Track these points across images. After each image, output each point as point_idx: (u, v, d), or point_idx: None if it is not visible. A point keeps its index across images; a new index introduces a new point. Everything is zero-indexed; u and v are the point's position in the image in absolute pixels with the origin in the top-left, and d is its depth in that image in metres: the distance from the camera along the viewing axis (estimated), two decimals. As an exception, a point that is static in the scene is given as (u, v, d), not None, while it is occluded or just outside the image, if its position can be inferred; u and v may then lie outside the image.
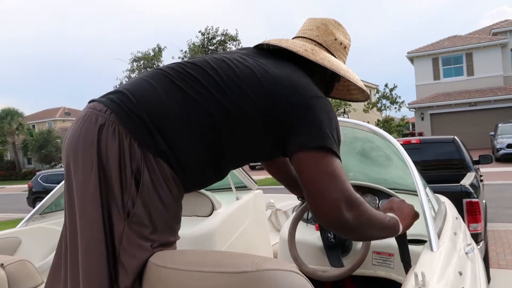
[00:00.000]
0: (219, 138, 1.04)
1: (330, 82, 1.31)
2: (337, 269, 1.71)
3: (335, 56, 1.26)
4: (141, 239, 0.97)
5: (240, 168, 2.81)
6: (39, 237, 2.22)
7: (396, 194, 1.96)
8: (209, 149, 1.04)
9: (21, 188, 21.20)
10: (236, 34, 20.60)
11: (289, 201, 3.52)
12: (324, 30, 1.27)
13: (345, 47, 1.29)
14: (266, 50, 1.23)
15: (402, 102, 24.86)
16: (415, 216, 1.30)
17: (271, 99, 1.05)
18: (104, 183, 0.97)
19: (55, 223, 2.35)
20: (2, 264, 1.41)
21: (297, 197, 1.81)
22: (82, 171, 0.99)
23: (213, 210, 2.44)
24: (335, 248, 1.81)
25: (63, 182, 2.23)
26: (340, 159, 1.05)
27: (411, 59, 24.11)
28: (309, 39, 1.26)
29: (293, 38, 1.29)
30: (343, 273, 1.66)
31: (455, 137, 5.03)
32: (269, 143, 1.10)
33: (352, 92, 1.44)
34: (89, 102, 1.07)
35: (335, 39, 1.26)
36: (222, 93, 1.03)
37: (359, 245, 1.72)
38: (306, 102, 1.06)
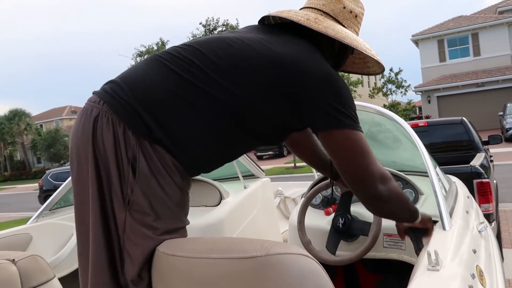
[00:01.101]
0: (218, 119, 1.00)
1: (341, 54, 1.24)
2: (349, 253, 1.70)
3: (344, 26, 1.18)
4: (144, 227, 0.96)
5: (247, 157, 2.80)
6: (50, 232, 2.24)
7: (406, 176, 1.94)
8: (210, 130, 1.01)
9: (32, 187, 21.43)
10: (237, 23, 20.50)
11: (298, 189, 3.51)
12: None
13: (356, 16, 1.20)
14: (269, 25, 1.19)
15: (408, 86, 24.66)
16: (431, 221, 1.34)
17: (276, 79, 1.01)
18: (104, 173, 0.97)
19: (65, 218, 2.37)
20: (14, 259, 1.42)
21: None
22: (83, 162, 1.00)
23: (221, 199, 2.44)
24: (339, 234, 1.79)
25: (69, 178, 2.25)
26: (362, 132, 1.08)
27: (416, 42, 23.81)
28: (315, 8, 1.19)
29: (300, 9, 1.23)
30: (354, 256, 1.65)
31: (464, 118, 4.97)
32: (274, 123, 1.07)
33: (369, 65, 1.38)
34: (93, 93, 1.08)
35: (344, 7, 1.18)
36: (221, 74, 1.00)
37: (367, 233, 1.70)
38: (319, 83, 1.02)
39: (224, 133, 1.02)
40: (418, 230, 1.34)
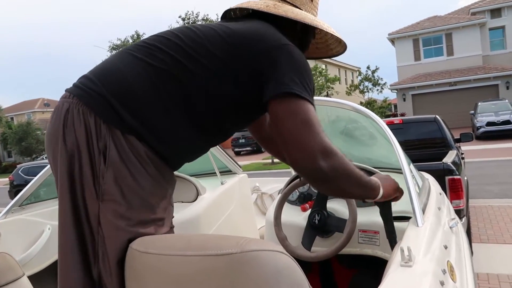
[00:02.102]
0: (192, 103, 1.01)
1: (304, 38, 1.26)
2: (324, 249, 1.71)
3: (302, 10, 1.22)
4: (116, 217, 0.95)
5: (223, 152, 2.79)
6: (19, 229, 2.16)
7: (381, 172, 1.97)
8: (184, 116, 1.01)
9: (2, 182, 20.78)
10: (217, 18, 20.34)
11: (275, 185, 3.52)
12: None
13: (311, 0, 1.25)
14: (234, 18, 1.23)
15: (384, 83, 25.09)
16: (398, 189, 1.31)
17: (237, 52, 1.02)
18: (76, 166, 0.97)
19: (35, 215, 2.30)
20: (-20, 258, 1.37)
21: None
22: (54, 158, 1.01)
23: (197, 195, 2.42)
24: (315, 230, 1.81)
25: (40, 173, 2.17)
26: (314, 107, 1.02)
27: (392, 41, 24.24)
28: None
29: None
30: (329, 253, 1.66)
31: (437, 116, 5.09)
32: (247, 99, 1.06)
33: (332, 47, 1.40)
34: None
35: None
36: (186, 55, 1.01)
37: (342, 230, 1.72)
38: (274, 50, 1.02)
39: (197, 116, 1.03)
40: (387, 203, 1.34)
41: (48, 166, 2.21)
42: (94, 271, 0.98)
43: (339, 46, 1.38)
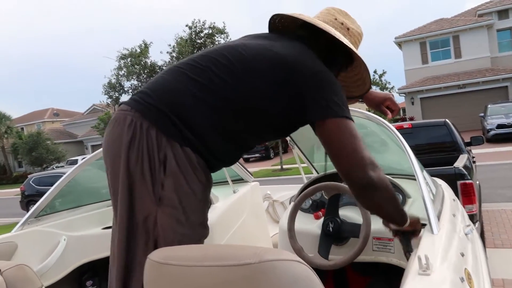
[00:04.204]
0: (236, 119, 1.14)
1: (331, 55, 1.33)
2: (339, 257, 1.71)
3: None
4: (172, 220, 1.07)
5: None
6: (36, 240, 2.20)
7: (393, 179, 1.97)
8: (231, 130, 1.14)
9: (13, 192, 20.99)
10: (224, 26, 20.44)
11: (286, 192, 3.52)
12: (326, 13, 1.37)
13: (348, 29, 1.35)
14: (265, 34, 1.33)
15: (392, 87, 24.94)
16: (419, 223, 1.37)
17: (280, 75, 1.14)
18: (134, 174, 1.07)
19: (51, 226, 2.33)
20: (0, 270, 1.39)
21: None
22: (115, 166, 1.10)
23: (210, 204, 2.43)
24: (330, 238, 1.81)
25: (55, 184, 2.21)
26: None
27: (399, 44, 24.15)
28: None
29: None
30: (347, 259, 1.66)
31: (447, 120, 5.05)
32: (287, 117, 1.20)
33: (351, 89, 1.52)
34: (119, 105, 1.21)
35: (335, 19, 1.35)
36: (235, 78, 1.13)
37: (357, 235, 1.72)
38: (314, 76, 1.15)
39: (239, 131, 1.16)
40: (407, 232, 1.36)
41: (63, 177, 2.25)
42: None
43: (362, 85, 1.50)
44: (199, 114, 1.10)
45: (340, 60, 1.36)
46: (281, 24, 1.40)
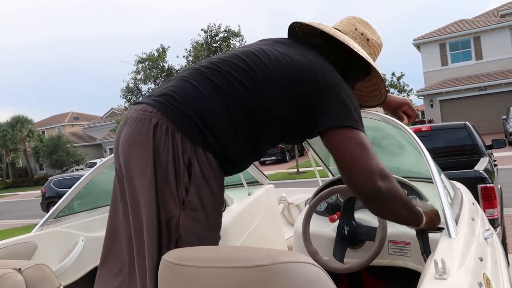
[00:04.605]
0: (255, 125, 1.15)
1: (348, 64, 1.34)
2: (354, 261, 1.69)
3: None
4: (194, 223, 1.09)
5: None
6: (55, 241, 2.24)
7: (410, 182, 1.94)
8: (247, 136, 1.16)
9: (34, 194, 21.47)
10: (239, 30, 20.56)
11: (301, 195, 3.50)
12: (346, 22, 1.37)
13: (368, 40, 1.36)
14: (284, 40, 1.34)
15: (411, 90, 24.63)
16: (437, 216, 1.34)
17: (295, 83, 1.15)
18: (160, 176, 1.08)
19: (69, 227, 2.37)
20: (20, 268, 1.42)
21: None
22: (140, 166, 1.10)
23: (225, 206, 2.44)
24: (345, 241, 1.79)
25: (74, 186, 2.24)
26: (365, 133, 1.17)
27: (418, 46, 23.82)
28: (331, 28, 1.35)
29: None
30: (363, 262, 1.64)
31: (467, 122, 4.96)
32: (301, 124, 1.21)
33: (366, 99, 1.54)
34: (135, 104, 1.20)
35: (356, 29, 1.35)
36: (255, 85, 1.14)
37: (373, 238, 1.70)
38: (329, 86, 1.16)
39: (256, 137, 1.18)
40: (426, 230, 1.34)
41: (81, 179, 2.29)
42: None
43: (378, 95, 1.52)
44: (220, 119, 1.11)
45: (357, 71, 1.37)
46: (301, 31, 1.40)
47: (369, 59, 1.27)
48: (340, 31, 1.34)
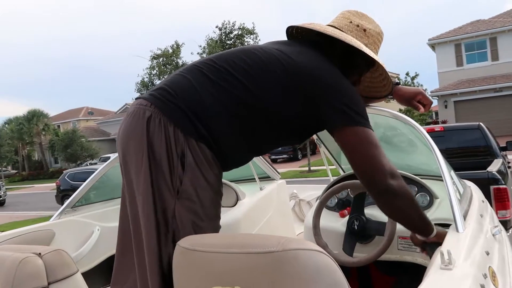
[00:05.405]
0: (250, 120, 1.17)
1: (347, 59, 1.35)
2: (363, 255, 1.72)
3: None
4: (190, 213, 1.11)
5: (262, 158, 2.84)
6: (72, 229, 2.31)
7: (421, 179, 1.95)
8: (242, 130, 1.17)
9: (49, 187, 21.79)
10: (253, 27, 20.54)
11: (312, 192, 3.52)
12: (341, 17, 1.39)
13: (364, 30, 1.35)
14: (285, 41, 1.35)
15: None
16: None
17: (296, 85, 1.17)
18: (154, 167, 1.10)
19: (85, 216, 2.44)
20: (40, 253, 1.47)
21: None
22: (135, 158, 1.14)
23: (237, 200, 2.48)
24: (355, 236, 1.82)
25: (90, 177, 2.31)
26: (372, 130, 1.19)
27: (433, 46, 23.50)
28: (327, 25, 1.36)
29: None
30: (372, 256, 1.67)
31: (481, 123, 4.92)
32: (295, 123, 1.21)
33: (374, 90, 1.55)
34: (136, 99, 1.23)
35: (350, 22, 1.36)
36: (251, 79, 1.16)
37: (382, 233, 1.72)
38: (331, 86, 1.18)
39: (250, 131, 1.19)
40: (434, 244, 1.33)
41: (97, 171, 2.36)
42: (164, 254, 1.11)
43: (382, 87, 1.53)
44: (215, 113, 1.14)
45: (359, 63, 1.36)
46: (298, 34, 1.42)
47: (363, 47, 1.28)
48: (335, 27, 1.34)
